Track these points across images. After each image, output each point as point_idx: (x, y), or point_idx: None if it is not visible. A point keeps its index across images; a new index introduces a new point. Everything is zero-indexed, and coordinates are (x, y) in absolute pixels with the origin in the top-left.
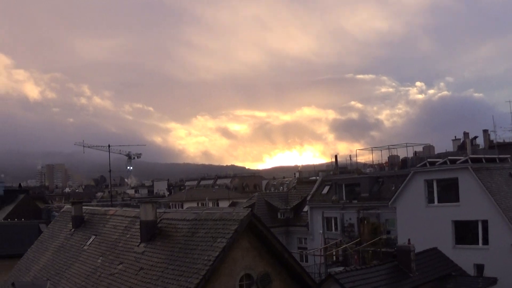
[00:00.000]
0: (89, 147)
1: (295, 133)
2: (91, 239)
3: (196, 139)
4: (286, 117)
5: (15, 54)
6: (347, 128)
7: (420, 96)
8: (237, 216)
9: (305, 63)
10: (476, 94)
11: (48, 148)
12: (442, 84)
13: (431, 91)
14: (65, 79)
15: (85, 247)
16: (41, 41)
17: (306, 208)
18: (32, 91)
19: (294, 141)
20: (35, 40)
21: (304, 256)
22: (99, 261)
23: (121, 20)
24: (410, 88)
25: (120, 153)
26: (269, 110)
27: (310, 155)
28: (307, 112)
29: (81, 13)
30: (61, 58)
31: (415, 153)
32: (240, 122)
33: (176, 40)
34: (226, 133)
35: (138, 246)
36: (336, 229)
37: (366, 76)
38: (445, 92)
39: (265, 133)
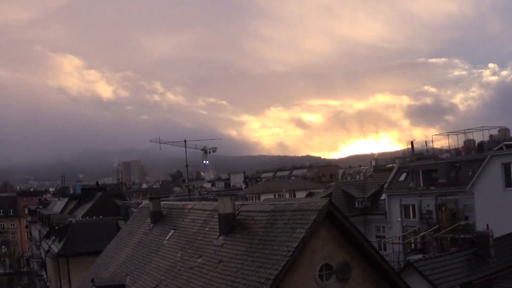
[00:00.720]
0: (165, 143)
1: (369, 120)
2: (170, 234)
3: (270, 131)
4: (359, 105)
5: (85, 55)
6: (421, 114)
7: (494, 78)
8: (316, 206)
9: (375, 49)
10: None
11: (123, 145)
12: None
13: (504, 73)
14: (137, 77)
15: (164, 242)
16: (110, 40)
17: (383, 196)
18: (105, 90)
19: (369, 129)
20: (104, 40)
21: (382, 244)
22: (178, 255)
23: (188, 15)
24: (483, 70)
25: (196, 148)
26: (342, 98)
27: (386, 142)
28: (380, 99)
29: (149, 11)
30: (131, 57)
31: (491, 136)
32: (314, 112)
33: (245, 33)
34: (300, 123)
35: (217, 239)
36: (414, 216)
37: (438, 60)
38: None
39: (339, 122)
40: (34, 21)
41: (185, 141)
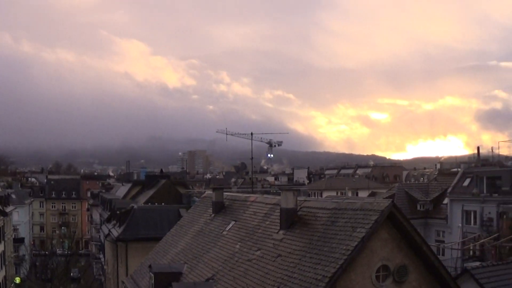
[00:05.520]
0: (231, 134)
1: (438, 122)
2: (230, 225)
3: (336, 128)
4: (428, 106)
5: (151, 41)
6: (490, 119)
7: None
8: (378, 206)
9: (447, 49)
10: None
11: (189, 134)
12: None
13: None
14: (203, 66)
15: (224, 232)
16: (178, 28)
17: (446, 201)
18: (171, 78)
19: (437, 131)
20: (171, 26)
21: (441, 249)
22: (237, 246)
23: (258, 6)
24: None
25: (262, 141)
26: (411, 98)
27: (453, 145)
28: (449, 101)
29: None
30: (198, 45)
31: None
32: (382, 111)
33: (314, 26)
34: (367, 121)
35: (277, 233)
36: (475, 223)
37: (511, 64)
38: None
39: (407, 122)
40: (100, 5)
41: (251, 134)
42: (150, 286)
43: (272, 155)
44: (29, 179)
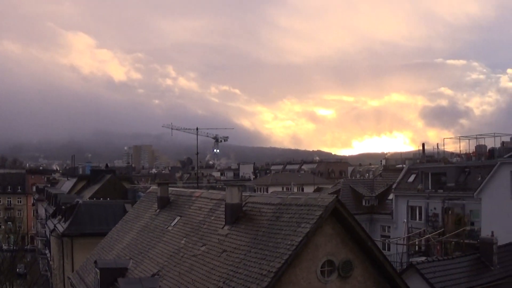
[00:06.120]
0: (177, 129)
1: (383, 119)
2: (175, 220)
3: (282, 123)
4: (374, 102)
5: (98, 34)
6: (436, 116)
7: (511, 84)
8: (322, 202)
9: (393, 46)
10: None
11: (135, 129)
12: None
13: None
14: (149, 59)
15: (170, 228)
16: (124, 20)
17: (391, 196)
18: (117, 71)
19: (383, 127)
20: (118, 19)
21: (386, 244)
22: (182, 242)
23: (206, 0)
24: (501, 76)
25: (208, 136)
26: (357, 95)
27: (399, 142)
28: (395, 98)
29: None
30: (145, 38)
31: (503, 143)
32: (328, 107)
33: (262, 22)
34: (313, 117)
35: (222, 228)
36: (420, 218)
37: (457, 62)
38: None
39: (353, 118)
40: None
41: (197, 129)
42: (95, 282)
43: (218, 150)
44: None
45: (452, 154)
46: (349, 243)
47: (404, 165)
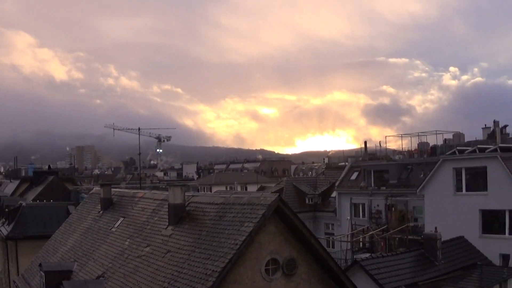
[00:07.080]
0: (119, 129)
1: (326, 117)
2: (119, 221)
3: (225, 122)
4: (316, 101)
5: (39, 32)
6: (378, 113)
7: (453, 82)
8: (265, 200)
9: (335, 45)
10: (510, 81)
11: (77, 129)
12: (476, 69)
13: (464, 77)
14: (90, 58)
15: (113, 229)
16: (65, 19)
17: (334, 194)
18: (58, 71)
19: (326, 126)
20: (59, 18)
21: (331, 241)
22: (126, 243)
23: None
24: (444, 74)
25: (150, 136)
26: (300, 93)
27: (342, 140)
28: (337, 96)
29: None
30: (86, 37)
31: (445, 140)
32: (270, 106)
33: (203, 20)
34: (255, 116)
35: (165, 229)
36: (363, 215)
37: (399, 60)
38: (479, 78)
39: (295, 117)
40: None
41: (139, 129)
42: (41, 285)
43: (161, 150)
44: None
45: (394, 151)
46: (293, 241)
47: (346, 163)
